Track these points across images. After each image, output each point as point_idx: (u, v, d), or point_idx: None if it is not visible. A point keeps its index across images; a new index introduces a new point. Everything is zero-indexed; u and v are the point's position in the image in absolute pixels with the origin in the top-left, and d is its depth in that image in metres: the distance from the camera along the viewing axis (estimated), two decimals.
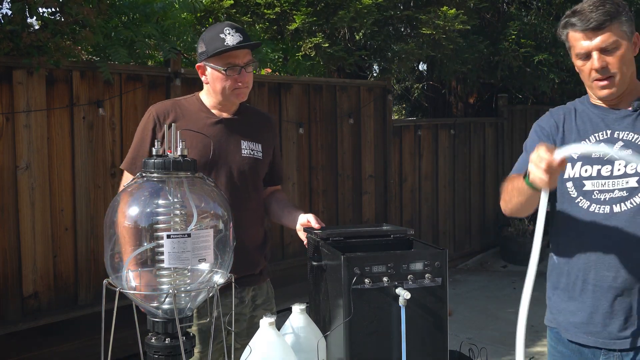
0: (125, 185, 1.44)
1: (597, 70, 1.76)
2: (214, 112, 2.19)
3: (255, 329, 1.57)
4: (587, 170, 1.80)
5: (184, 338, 1.36)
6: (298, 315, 1.63)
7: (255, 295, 2.25)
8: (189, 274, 1.40)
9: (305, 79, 5.70)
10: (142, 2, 4.55)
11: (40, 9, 3.73)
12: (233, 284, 1.44)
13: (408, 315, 1.59)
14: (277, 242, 5.35)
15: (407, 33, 6.56)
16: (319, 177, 5.72)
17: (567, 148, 1.57)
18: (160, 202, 1.40)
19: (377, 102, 6.25)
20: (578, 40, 1.77)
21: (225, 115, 2.19)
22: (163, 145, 1.43)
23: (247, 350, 1.49)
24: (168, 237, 1.33)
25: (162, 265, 1.35)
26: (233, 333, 1.52)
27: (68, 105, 3.97)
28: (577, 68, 1.83)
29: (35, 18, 3.80)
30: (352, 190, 6.02)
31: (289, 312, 1.64)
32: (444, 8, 5.98)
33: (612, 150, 1.70)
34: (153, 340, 1.38)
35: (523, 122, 8.37)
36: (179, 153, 1.41)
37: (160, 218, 1.38)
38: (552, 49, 7.02)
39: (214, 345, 2.06)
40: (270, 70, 6.16)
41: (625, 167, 1.76)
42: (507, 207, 1.87)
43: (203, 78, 2.17)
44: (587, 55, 1.77)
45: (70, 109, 3.98)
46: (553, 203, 1.89)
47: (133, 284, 1.39)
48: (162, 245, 1.33)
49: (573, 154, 1.82)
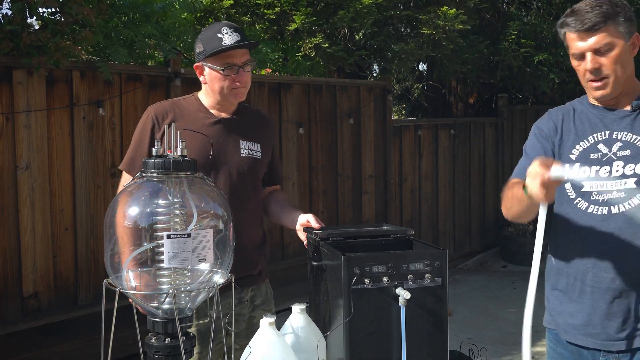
0: (125, 185, 1.44)
1: (590, 72, 1.76)
2: (213, 112, 2.18)
3: (254, 330, 1.57)
4: (585, 172, 1.80)
5: (184, 338, 1.36)
6: (298, 315, 1.63)
7: (254, 296, 2.24)
8: (189, 274, 1.40)
9: (305, 79, 5.70)
10: (142, 2, 4.55)
11: (40, 9, 3.73)
12: (233, 284, 1.44)
13: (408, 315, 1.59)
14: (277, 242, 5.35)
15: (407, 33, 6.56)
16: (319, 177, 5.72)
17: (563, 169, 1.57)
18: (160, 202, 1.40)
19: (377, 102, 6.25)
20: (573, 41, 1.78)
21: (224, 115, 2.19)
22: (163, 145, 1.43)
23: (247, 350, 1.49)
24: (168, 237, 1.33)
25: (162, 265, 1.35)
26: (233, 333, 1.52)
27: (68, 105, 3.97)
28: (574, 67, 1.83)
29: (35, 18, 3.80)
30: (352, 190, 6.02)
31: (289, 312, 1.64)
32: (444, 8, 5.98)
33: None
34: (153, 340, 1.38)
35: (523, 122, 8.37)
36: (179, 153, 1.41)
37: (160, 218, 1.38)
38: (552, 49, 7.02)
39: (213, 347, 2.06)
40: (270, 70, 6.15)
41: (624, 168, 1.75)
42: (508, 213, 1.86)
43: (201, 78, 2.16)
44: (581, 56, 1.77)
45: (70, 109, 3.99)
46: (552, 204, 1.89)
47: (133, 284, 1.39)
48: (162, 245, 1.33)
49: (571, 155, 1.82)
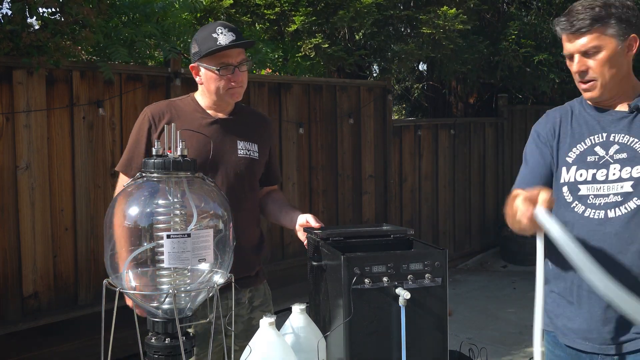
0: (125, 185, 1.44)
1: (577, 74, 1.77)
2: (210, 112, 2.17)
3: (253, 331, 1.57)
4: (582, 175, 1.78)
5: (184, 338, 1.36)
6: (298, 315, 1.63)
7: (253, 297, 2.23)
8: (189, 274, 1.40)
9: (305, 79, 5.70)
10: (142, 2, 4.54)
11: (40, 9, 3.73)
12: (233, 284, 1.44)
13: (408, 315, 1.59)
14: (277, 242, 5.35)
15: (407, 33, 6.56)
16: (319, 177, 5.72)
17: (545, 216, 1.55)
18: (160, 202, 1.40)
19: (377, 102, 6.25)
20: (564, 41, 1.79)
21: (221, 116, 2.18)
22: (163, 145, 1.43)
23: (247, 350, 1.49)
24: (168, 237, 1.33)
25: (162, 265, 1.35)
26: (233, 334, 1.52)
27: (68, 105, 3.97)
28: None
29: (35, 18, 3.80)
30: (352, 190, 6.02)
31: (289, 312, 1.64)
32: (444, 8, 5.98)
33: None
34: (153, 340, 1.38)
35: (523, 122, 8.37)
36: (179, 153, 1.41)
37: (160, 218, 1.38)
38: (552, 49, 7.02)
39: (212, 349, 2.05)
40: (270, 70, 6.15)
41: (620, 171, 1.74)
42: (512, 227, 1.83)
43: (197, 79, 2.16)
44: (571, 57, 1.77)
45: (70, 109, 3.98)
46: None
47: (133, 284, 1.39)
48: (162, 245, 1.33)
49: (567, 158, 1.82)
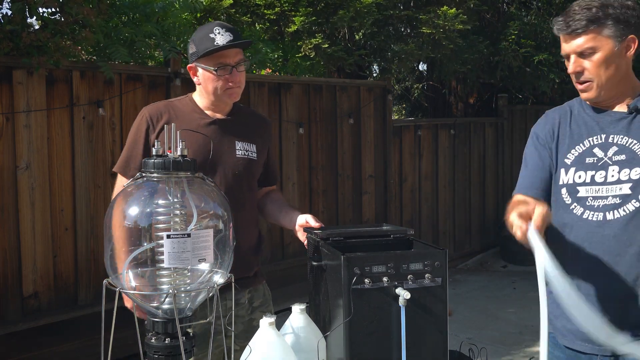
0: (125, 185, 1.44)
1: (573, 74, 1.77)
2: (208, 113, 2.17)
3: (254, 332, 1.57)
4: (580, 177, 1.78)
5: (184, 338, 1.36)
6: (298, 315, 1.62)
7: (252, 298, 2.23)
8: (189, 274, 1.40)
9: (305, 79, 5.70)
10: (142, 2, 4.55)
11: (40, 9, 3.73)
12: (233, 284, 1.44)
13: (408, 315, 1.59)
14: (277, 242, 5.35)
15: (407, 33, 6.56)
16: (319, 177, 5.72)
17: (537, 238, 1.56)
18: (160, 202, 1.40)
19: (377, 102, 6.25)
20: (561, 42, 1.79)
21: (219, 116, 2.17)
22: (163, 145, 1.43)
23: (247, 350, 1.49)
24: (168, 237, 1.33)
25: (162, 265, 1.35)
26: (233, 334, 1.52)
27: (68, 105, 3.97)
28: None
29: (35, 18, 3.80)
30: (352, 190, 6.02)
31: (289, 312, 1.64)
32: (444, 8, 5.98)
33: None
34: (153, 340, 1.38)
35: (523, 122, 8.37)
36: (179, 153, 1.41)
37: (160, 218, 1.38)
38: (552, 49, 7.02)
39: (211, 350, 2.05)
40: (270, 70, 6.15)
41: (619, 173, 1.73)
42: (515, 235, 1.85)
43: (195, 79, 2.15)
44: (568, 57, 1.78)
45: (70, 109, 3.98)
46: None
47: (133, 284, 1.39)
48: (162, 245, 1.33)
49: (566, 160, 1.81)
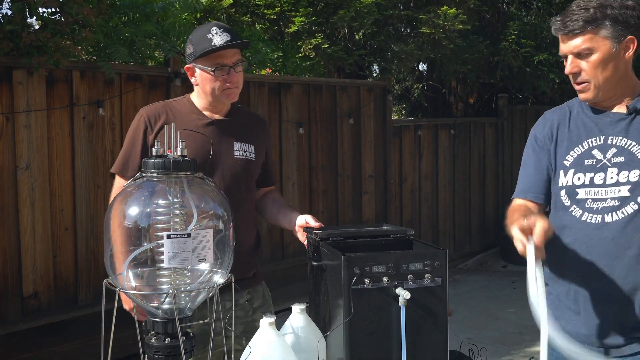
0: (126, 185, 1.44)
1: (570, 75, 1.76)
2: (206, 113, 2.16)
3: (253, 333, 1.57)
4: (579, 178, 1.78)
5: (184, 338, 1.36)
6: (298, 315, 1.62)
7: (252, 299, 2.23)
8: (189, 274, 1.40)
9: (305, 79, 5.70)
10: (142, 2, 4.54)
11: (40, 9, 3.73)
12: (233, 284, 1.44)
13: (408, 315, 1.59)
14: (277, 242, 5.35)
15: (407, 33, 6.56)
16: (319, 177, 5.72)
17: (531, 261, 1.54)
18: (160, 202, 1.40)
19: (377, 102, 6.25)
20: (560, 42, 1.78)
21: (217, 117, 2.17)
22: (163, 146, 1.43)
23: (247, 350, 1.49)
24: (168, 237, 1.33)
25: (162, 265, 1.35)
26: (233, 333, 1.52)
27: (68, 105, 3.97)
28: None
29: (35, 18, 3.80)
30: (352, 190, 6.02)
31: (289, 312, 1.64)
32: (444, 8, 5.98)
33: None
34: (153, 340, 1.38)
35: (523, 122, 8.37)
36: (179, 153, 1.41)
37: (160, 218, 1.38)
38: (552, 49, 7.02)
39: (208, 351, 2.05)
40: (270, 70, 6.15)
41: (618, 175, 1.73)
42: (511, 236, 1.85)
43: (192, 80, 2.15)
44: (565, 57, 1.77)
45: (70, 109, 3.99)
46: (548, 211, 1.89)
47: (133, 284, 1.39)
48: (162, 245, 1.33)
49: (565, 162, 1.81)
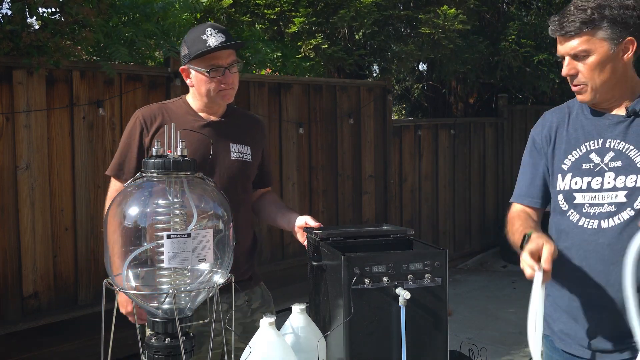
0: (126, 185, 1.44)
1: (567, 77, 1.76)
2: (202, 115, 2.16)
3: (252, 334, 1.56)
4: (577, 183, 1.77)
5: (184, 338, 1.36)
6: (298, 315, 1.62)
7: (250, 300, 2.22)
8: (189, 274, 1.40)
9: (305, 79, 5.70)
10: (142, 2, 4.54)
11: (40, 9, 3.73)
12: (233, 284, 1.44)
13: (408, 315, 1.59)
14: (277, 242, 5.34)
15: (407, 33, 6.56)
16: (319, 177, 5.72)
17: (536, 289, 1.55)
18: (160, 202, 1.40)
19: (377, 102, 6.25)
20: (557, 43, 1.77)
21: (213, 118, 2.17)
22: (163, 146, 1.43)
23: (247, 350, 1.49)
24: (168, 237, 1.33)
25: (162, 265, 1.35)
26: (233, 334, 1.52)
27: (68, 105, 3.97)
28: None
29: (35, 18, 3.80)
30: (352, 190, 6.02)
31: (289, 312, 1.64)
32: (444, 8, 5.98)
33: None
34: (153, 340, 1.38)
35: (523, 122, 8.37)
36: (179, 153, 1.41)
37: (160, 218, 1.38)
38: (552, 49, 7.01)
39: (206, 352, 2.04)
40: (270, 70, 6.15)
41: (615, 180, 1.72)
42: (513, 245, 1.84)
43: (188, 81, 2.15)
44: (564, 58, 1.76)
45: (70, 109, 3.98)
46: (547, 213, 1.89)
47: (133, 284, 1.39)
48: (162, 245, 1.33)
49: (563, 165, 1.81)
